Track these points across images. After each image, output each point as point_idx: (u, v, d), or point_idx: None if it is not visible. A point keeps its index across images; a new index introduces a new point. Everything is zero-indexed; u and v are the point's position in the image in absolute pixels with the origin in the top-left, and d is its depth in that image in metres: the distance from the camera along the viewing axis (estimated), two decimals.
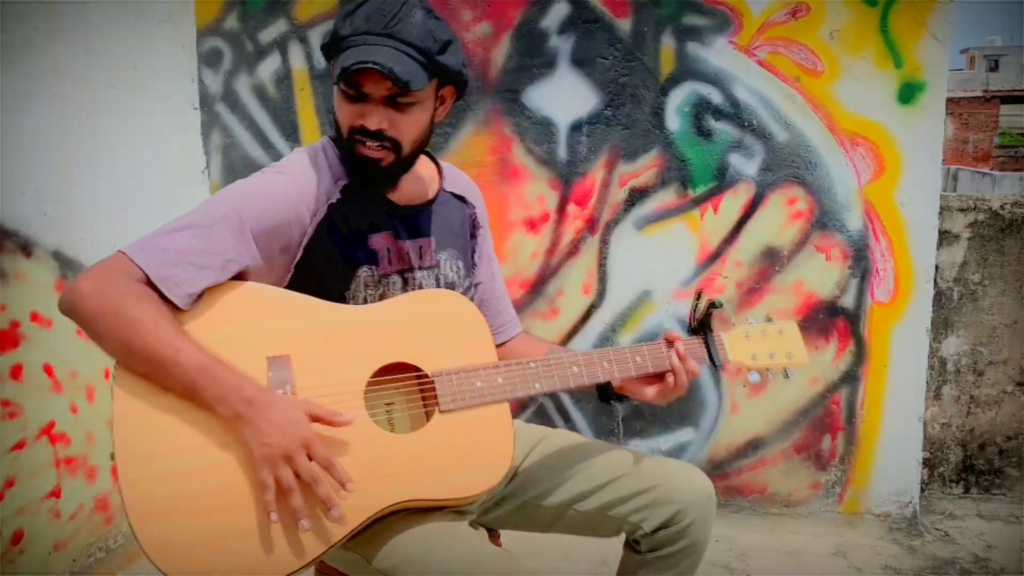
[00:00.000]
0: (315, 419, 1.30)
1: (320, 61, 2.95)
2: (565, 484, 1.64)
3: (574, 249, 2.96)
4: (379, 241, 1.52)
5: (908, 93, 2.76)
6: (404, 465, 1.38)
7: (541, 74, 2.87)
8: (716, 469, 3.02)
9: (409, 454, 1.39)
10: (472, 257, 1.70)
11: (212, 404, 1.28)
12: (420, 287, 1.57)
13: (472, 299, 1.65)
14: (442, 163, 1.70)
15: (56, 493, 2.40)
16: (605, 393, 1.63)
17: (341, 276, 1.48)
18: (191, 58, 2.99)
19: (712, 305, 1.61)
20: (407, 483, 1.38)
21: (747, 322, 1.67)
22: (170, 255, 1.31)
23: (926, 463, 3.18)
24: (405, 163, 1.50)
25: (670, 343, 1.57)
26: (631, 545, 1.67)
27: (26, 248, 2.32)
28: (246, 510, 1.29)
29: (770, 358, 1.64)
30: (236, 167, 3.03)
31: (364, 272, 1.50)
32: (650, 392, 1.58)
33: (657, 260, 2.93)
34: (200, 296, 1.34)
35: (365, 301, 1.50)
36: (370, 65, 1.34)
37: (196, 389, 1.27)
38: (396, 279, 1.54)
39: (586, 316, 2.99)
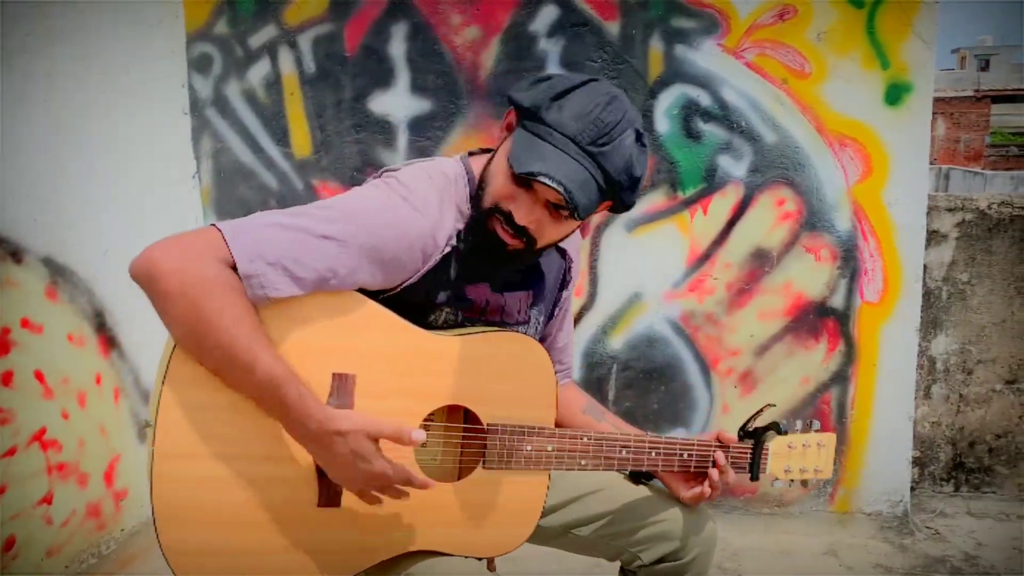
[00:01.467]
0: (379, 438, 1.25)
1: (310, 66, 2.95)
2: (567, 507, 1.63)
3: None
4: (477, 292, 1.42)
5: (895, 94, 2.78)
6: (437, 515, 1.38)
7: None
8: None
9: (444, 505, 1.39)
10: (553, 310, 1.62)
11: (277, 419, 1.23)
12: None
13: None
14: None
15: (48, 499, 2.40)
16: (639, 475, 1.63)
17: (425, 310, 1.39)
18: (181, 63, 2.99)
19: (776, 428, 1.59)
20: (436, 534, 1.38)
21: (792, 426, 1.64)
22: (267, 251, 1.19)
23: (916, 462, 3.19)
24: (530, 256, 1.39)
25: (721, 447, 1.55)
26: (626, 573, 1.66)
27: (16, 254, 2.32)
28: (275, 529, 1.28)
29: (800, 472, 1.64)
30: (226, 172, 3.03)
31: (447, 311, 1.40)
32: (684, 493, 1.57)
33: (647, 262, 2.94)
34: None
35: (445, 325, 1.42)
36: (556, 187, 1.23)
37: (262, 402, 1.22)
38: (479, 323, 1.45)
39: (577, 318, 3.00)
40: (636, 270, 2.96)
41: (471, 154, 1.46)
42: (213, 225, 1.20)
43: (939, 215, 3.08)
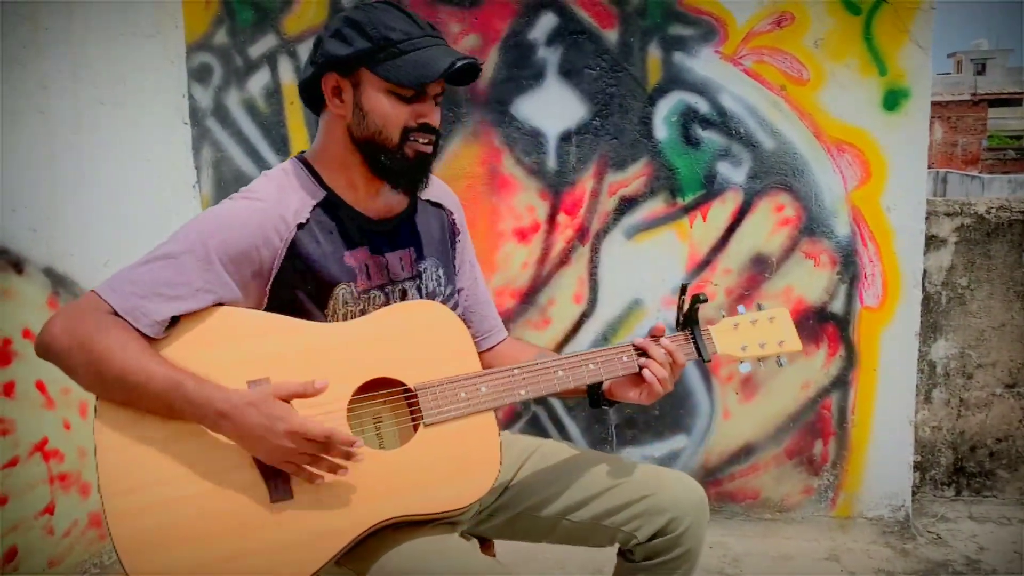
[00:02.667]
0: (290, 397, 1.32)
1: None
2: (558, 495, 1.64)
3: (565, 258, 2.97)
4: (356, 257, 1.51)
5: (892, 100, 2.79)
6: (392, 481, 1.39)
7: (529, 85, 2.89)
8: (709, 475, 3.03)
9: (396, 470, 1.40)
10: (453, 264, 1.70)
11: (193, 420, 1.30)
12: (403, 299, 1.56)
13: (455, 307, 1.65)
14: None
15: (50, 510, 2.40)
16: (596, 399, 1.63)
17: (318, 295, 1.48)
18: (180, 73, 3.00)
19: (697, 300, 1.58)
20: (396, 499, 1.39)
21: (736, 312, 1.64)
22: (138, 287, 1.33)
23: (917, 466, 3.20)
24: (437, 153, 1.55)
25: (655, 338, 1.56)
26: (625, 554, 1.67)
27: (17, 265, 2.33)
28: (235, 535, 1.30)
29: (760, 348, 1.61)
30: (227, 182, 3.03)
31: (342, 290, 1.49)
32: (635, 393, 1.57)
33: (647, 268, 2.95)
34: (176, 324, 1.36)
35: (346, 318, 1.50)
36: (465, 63, 1.41)
37: (173, 408, 1.29)
38: (377, 294, 1.53)
39: (578, 325, 3.01)
40: (636, 277, 2.96)
41: (303, 152, 1.59)
42: (90, 290, 1.35)
43: (938, 220, 3.09)
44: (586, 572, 2.59)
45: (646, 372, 1.53)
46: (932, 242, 3.08)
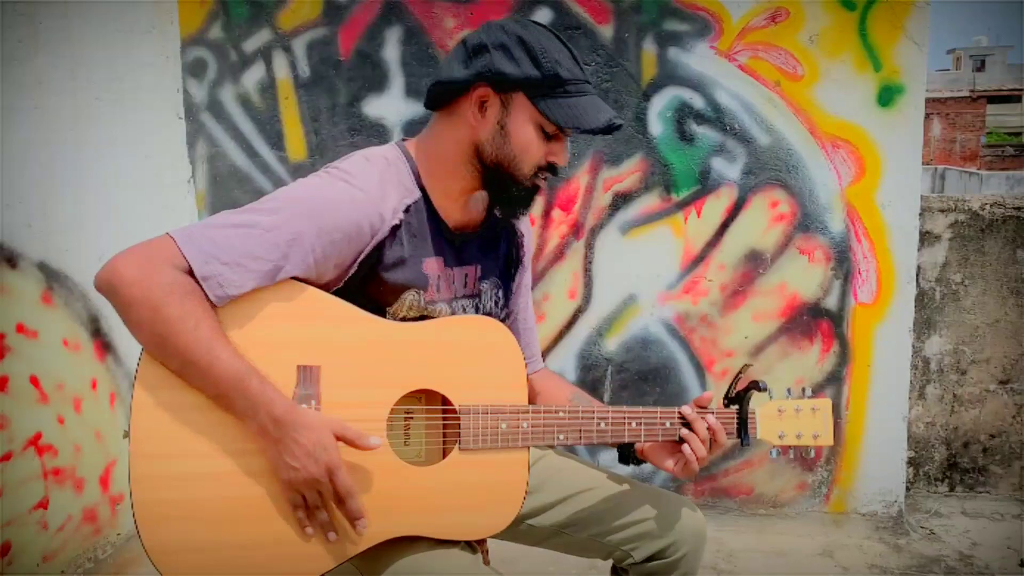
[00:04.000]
0: (341, 439, 1.29)
1: (304, 70, 2.96)
2: (558, 507, 1.63)
3: (559, 254, 2.98)
4: (432, 266, 1.47)
5: (887, 96, 2.79)
6: (417, 500, 1.38)
7: None
8: (703, 471, 3.02)
9: (422, 489, 1.39)
10: (511, 287, 1.66)
11: (240, 416, 1.27)
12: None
13: None
14: None
15: (44, 504, 2.40)
16: (626, 456, 1.61)
17: (388, 294, 1.43)
18: (175, 68, 3.00)
19: (755, 386, 1.54)
20: (418, 519, 1.38)
21: (784, 395, 1.61)
22: (220, 251, 1.26)
23: (911, 462, 3.20)
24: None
25: (702, 409, 1.51)
26: (618, 572, 1.67)
27: (11, 260, 2.33)
28: (255, 522, 1.29)
29: (797, 438, 1.58)
30: (222, 176, 3.03)
31: (411, 295, 1.45)
32: (671, 463, 1.53)
33: (642, 264, 2.95)
34: None
35: (404, 321, 1.46)
36: (620, 122, 1.41)
37: (226, 399, 1.26)
38: (443, 307, 1.49)
39: (572, 320, 3.01)
40: (630, 272, 2.96)
41: (404, 139, 1.52)
42: (167, 234, 1.26)
43: (932, 216, 3.10)
44: (580, 568, 2.60)
45: (686, 448, 1.49)
46: (926, 238, 3.09)
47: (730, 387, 1.59)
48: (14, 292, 2.33)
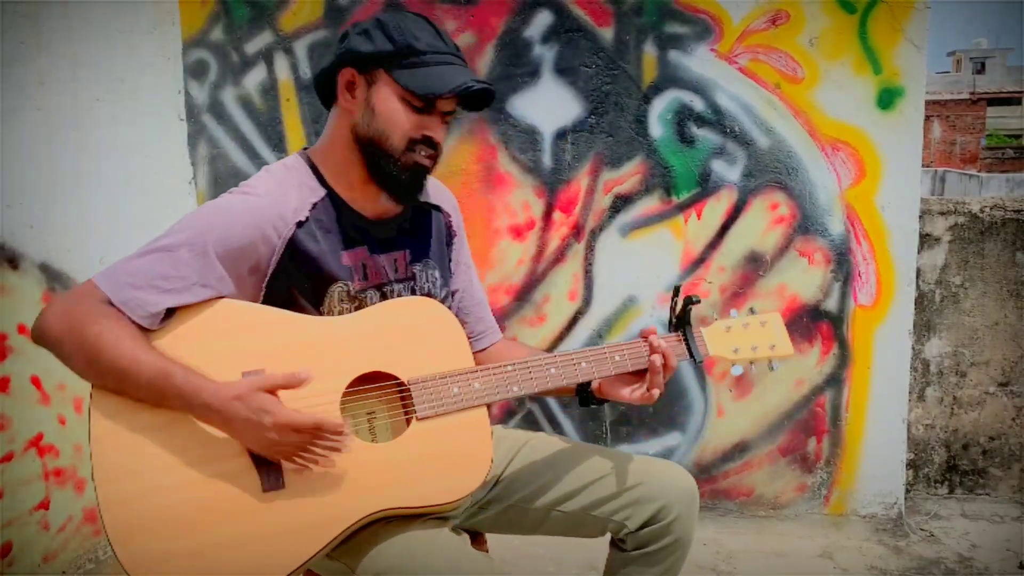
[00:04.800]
0: (274, 390, 1.33)
1: (306, 72, 2.97)
2: (549, 486, 1.65)
3: (560, 256, 2.98)
4: (353, 257, 1.52)
5: (887, 98, 2.79)
6: (383, 474, 1.40)
7: (525, 83, 2.90)
8: (703, 472, 3.04)
9: (388, 463, 1.41)
10: (449, 266, 1.71)
11: (182, 411, 1.32)
12: None
13: (450, 308, 1.65)
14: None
15: (45, 505, 2.41)
16: (586, 398, 1.64)
17: (314, 293, 1.48)
18: (177, 69, 3.00)
19: (689, 301, 1.60)
20: (387, 492, 1.40)
21: (729, 315, 1.66)
22: (134, 278, 1.35)
23: (910, 464, 3.21)
24: (432, 170, 1.56)
25: (647, 339, 1.57)
26: (616, 544, 1.68)
27: (13, 261, 2.33)
28: (226, 523, 1.31)
29: (752, 351, 1.62)
30: (223, 178, 3.04)
31: (338, 288, 1.49)
32: (627, 392, 1.57)
33: (642, 266, 2.96)
34: (172, 315, 1.37)
35: (340, 301, 1.51)
36: (480, 87, 1.44)
37: (163, 397, 1.31)
38: (373, 294, 1.54)
39: (573, 322, 3.01)
40: (630, 274, 2.97)
41: (306, 148, 1.58)
42: (89, 279, 1.36)
43: (932, 218, 3.10)
44: (581, 567, 2.60)
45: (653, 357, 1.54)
46: (926, 241, 3.09)
47: (670, 315, 1.64)
48: (16, 293, 2.33)
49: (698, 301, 1.60)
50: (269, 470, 1.35)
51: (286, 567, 1.32)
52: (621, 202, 2.94)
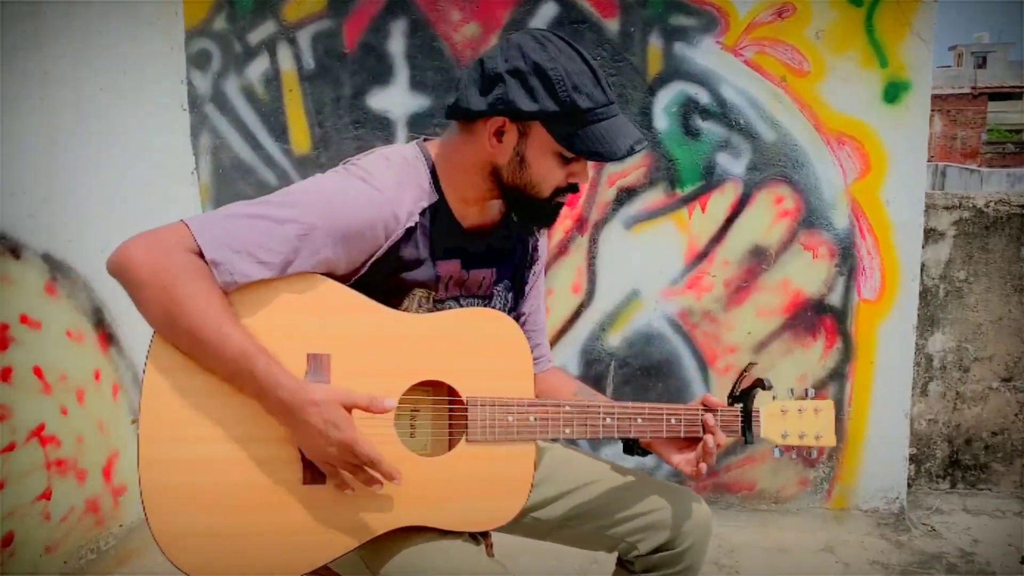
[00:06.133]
0: (353, 408, 1.29)
1: (309, 62, 2.95)
2: (563, 500, 1.63)
3: (563, 249, 2.97)
4: (446, 268, 1.47)
5: (893, 92, 2.78)
6: (423, 491, 1.38)
7: None
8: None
9: (430, 480, 1.39)
10: (524, 288, 1.67)
11: (252, 397, 1.28)
12: None
13: None
14: None
15: (47, 495, 2.40)
16: (630, 447, 1.61)
17: (396, 291, 1.44)
18: (179, 59, 2.99)
19: (760, 385, 1.56)
20: (424, 509, 1.39)
21: (786, 394, 1.62)
22: (233, 240, 1.27)
23: (913, 459, 3.21)
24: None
25: (708, 410, 1.53)
26: (624, 564, 1.66)
27: (15, 251, 2.32)
28: (262, 510, 1.30)
29: (800, 438, 1.59)
30: (225, 168, 3.02)
31: (420, 294, 1.45)
32: (677, 460, 1.53)
33: (646, 259, 2.95)
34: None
35: (418, 305, 1.48)
36: (642, 146, 1.38)
37: (236, 379, 1.27)
38: (452, 304, 1.50)
39: (576, 315, 3.01)
40: (634, 267, 2.96)
41: (425, 139, 1.52)
42: (181, 220, 1.28)
43: (936, 213, 3.09)
44: (583, 561, 2.60)
45: (699, 448, 1.51)
46: (930, 235, 3.08)
47: (735, 385, 1.59)
48: (17, 283, 2.32)
49: (770, 387, 1.56)
50: (314, 464, 1.33)
51: (311, 563, 1.32)
52: (625, 195, 2.93)
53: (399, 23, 2.89)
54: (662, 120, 2.87)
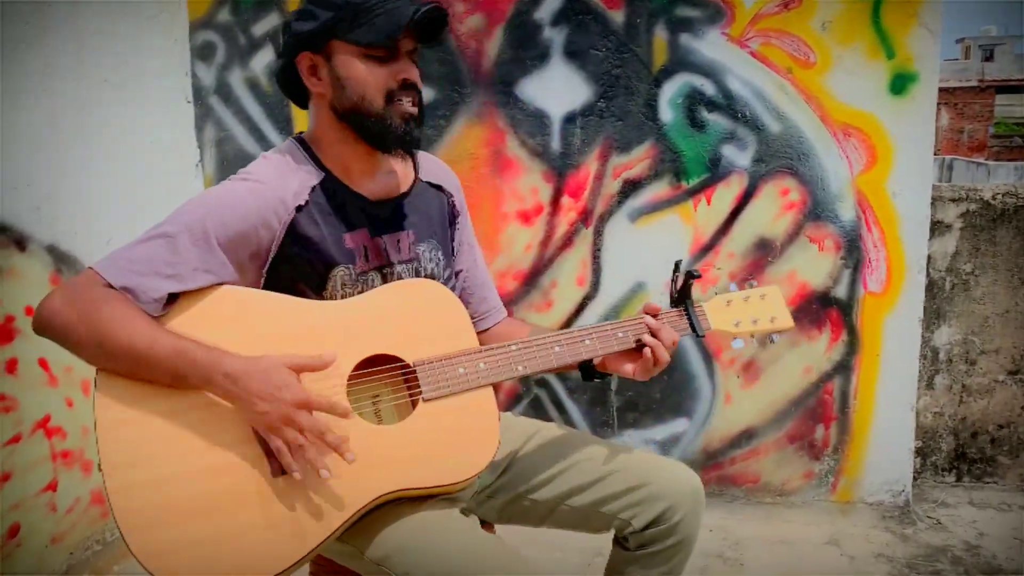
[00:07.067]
0: (300, 370, 1.33)
1: None
2: (557, 479, 1.64)
3: (568, 241, 2.97)
4: (355, 239, 1.50)
5: (900, 84, 2.77)
6: (392, 455, 1.39)
7: (534, 66, 2.87)
8: (710, 459, 3.04)
9: (396, 444, 1.40)
10: (452, 246, 1.69)
11: (199, 386, 1.31)
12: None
13: (453, 288, 1.64)
14: (417, 152, 1.67)
15: (52, 487, 2.41)
16: (588, 372, 1.62)
17: (316, 277, 1.48)
18: (184, 52, 2.99)
19: (690, 275, 1.60)
20: (396, 473, 1.39)
21: (728, 289, 1.66)
22: (136, 265, 1.34)
23: (918, 452, 3.20)
24: (424, 115, 1.53)
25: (650, 315, 1.57)
26: (620, 542, 1.67)
27: (20, 243, 2.32)
28: (238, 510, 1.30)
29: (753, 324, 1.62)
30: (230, 160, 3.03)
31: (341, 272, 1.48)
32: (630, 368, 1.57)
33: (651, 252, 2.94)
34: (174, 302, 1.36)
35: (343, 286, 1.50)
36: (436, 5, 1.39)
37: (179, 375, 1.30)
38: (375, 276, 1.52)
39: (580, 308, 3.00)
40: (639, 260, 2.96)
41: (300, 133, 1.58)
42: (88, 267, 1.35)
43: (943, 205, 3.08)
44: (585, 553, 2.60)
45: (646, 351, 1.54)
46: (937, 228, 3.07)
47: (671, 290, 1.64)
48: (23, 275, 2.33)
49: (699, 275, 1.61)
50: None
51: (298, 552, 1.32)
52: (630, 187, 2.92)
53: None
54: (667, 112, 2.86)
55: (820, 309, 2.92)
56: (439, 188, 1.68)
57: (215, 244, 1.38)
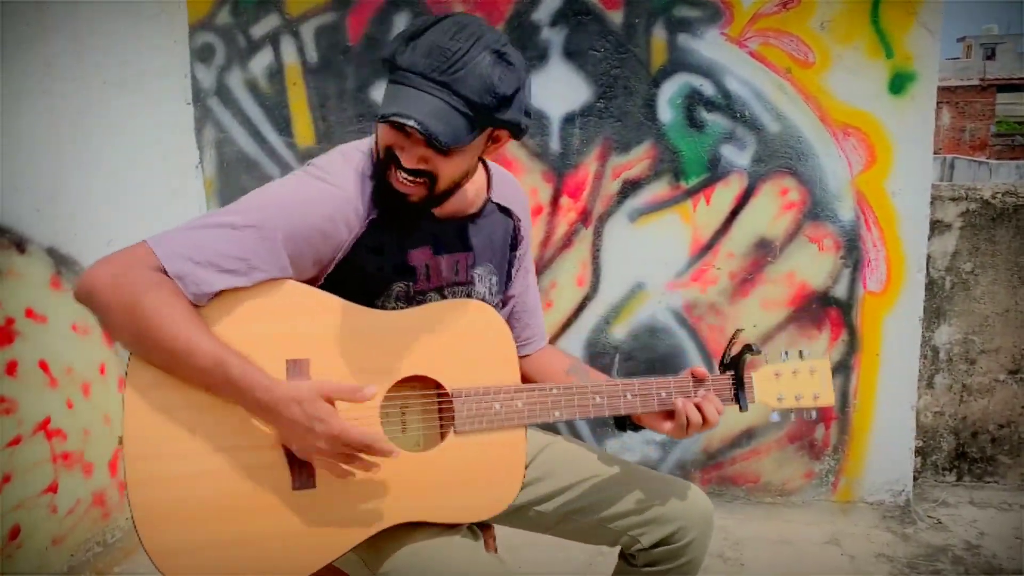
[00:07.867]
0: (334, 399, 1.27)
1: (312, 56, 2.95)
2: (566, 493, 1.63)
3: (567, 241, 2.97)
4: (418, 257, 1.46)
5: (899, 83, 2.76)
6: (415, 485, 1.38)
7: (533, 67, 2.87)
8: (710, 459, 3.04)
9: (421, 474, 1.38)
10: (509, 271, 1.65)
11: (231, 402, 1.27)
12: None
13: (501, 312, 1.59)
14: (493, 168, 1.59)
15: (53, 488, 2.41)
16: (622, 422, 1.61)
17: (373, 288, 1.42)
18: (183, 53, 2.99)
19: (748, 350, 1.55)
20: (417, 503, 1.38)
21: (780, 358, 1.60)
22: (193, 251, 1.26)
23: (919, 451, 3.20)
24: (438, 199, 1.40)
25: (698, 380, 1.53)
26: (626, 557, 1.66)
27: (20, 245, 2.33)
28: (253, 518, 1.29)
29: (796, 400, 1.58)
30: (229, 162, 3.03)
31: (398, 288, 1.44)
32: (668, 426, 1.53)
33: (650, 252, 2.94)
34: (221, 292, 1.29)
35: (396, 300, 1.46)
36: (411, 124, 1.24)
37: (212, 386, 1.26)
38: (433, 296, 1.49)
39: (580, 308, 3.00)
40: (639, 260, 2.95)
41: None
42: (143, 240, 1.27)
43: (943, 204, 3.07)
44: (587, 553, 2.60)
45: (680, 417, 1.50)
46: (937, 227, 3.07)
47: (725, 353, 1.59)
48: (23, 277, 2.33)
49: (758, 352, 1.55)
50: (302, 468, 1.31)
51: (308, 567, 1.31)
52: (629, 187, 2.92)
53: (402, 16, 2.88)
54: (666, 112, 2.86)
55: (820, 309, 2.92)
56: (507, 211, 1.61)
57: (280, 244, 1.31)
